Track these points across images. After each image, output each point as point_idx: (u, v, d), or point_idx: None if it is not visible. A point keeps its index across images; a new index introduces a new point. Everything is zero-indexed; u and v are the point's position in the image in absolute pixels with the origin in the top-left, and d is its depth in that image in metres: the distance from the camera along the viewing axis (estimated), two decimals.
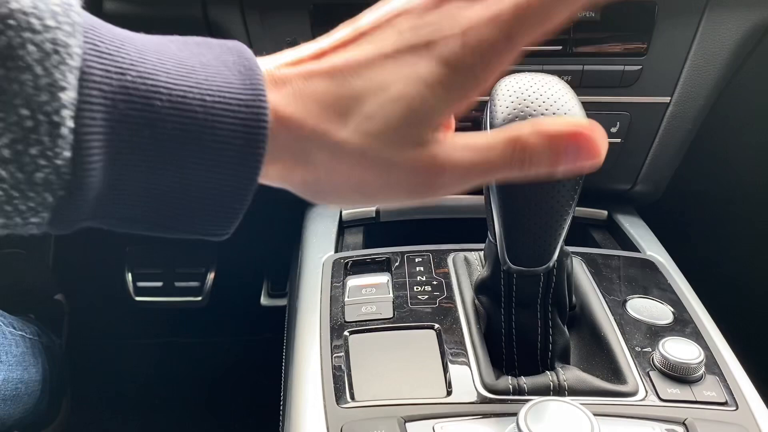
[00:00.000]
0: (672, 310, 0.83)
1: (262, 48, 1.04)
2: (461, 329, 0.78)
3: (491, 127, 0.63)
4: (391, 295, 0.84)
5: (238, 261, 1.91)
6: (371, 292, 0.85)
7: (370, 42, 0.45)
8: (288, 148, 0.43)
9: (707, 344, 0.78)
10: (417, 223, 1.13)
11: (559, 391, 0.70)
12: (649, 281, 0.90)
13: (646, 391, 0.71)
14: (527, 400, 0.61)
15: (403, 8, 0.46)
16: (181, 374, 1.88)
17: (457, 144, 0.45)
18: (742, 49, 1.02)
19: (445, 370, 0.73)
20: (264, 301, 1.84)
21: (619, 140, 1.06)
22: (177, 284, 1.89)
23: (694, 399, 0.70)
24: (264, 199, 1.60)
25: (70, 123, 0.36)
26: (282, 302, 1.69)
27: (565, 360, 0.76)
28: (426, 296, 0.84)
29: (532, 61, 1.03)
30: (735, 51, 1.02)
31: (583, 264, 0.91)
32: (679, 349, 0.73)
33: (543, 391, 0.70)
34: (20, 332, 1.27)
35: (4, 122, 0.34)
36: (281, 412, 0.80)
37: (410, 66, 0.43)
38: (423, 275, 0.89)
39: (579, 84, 1.03)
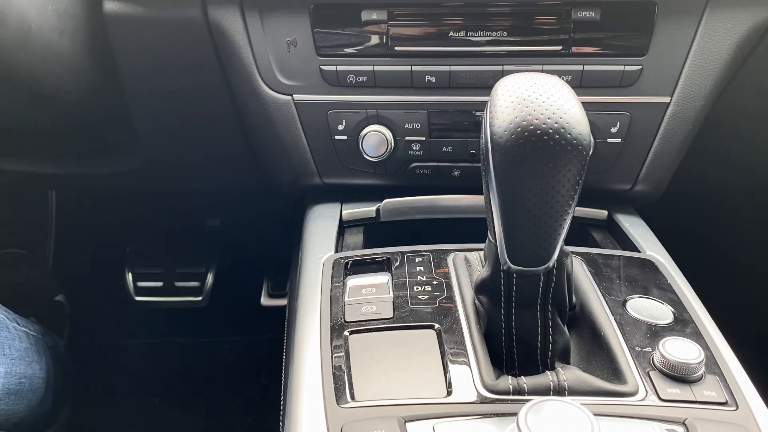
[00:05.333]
0: (672, 310, 0.83)
1: (262, 48, 1.05)
2: (461, 329, 0.78)
3: (491, 126, 0.63)
4: (391, 295, 0.84)
5: (238, 261, 1.91)
6: (371, 292, 0.85)
7: None
8: None
9: (707, 344, 0.78)
10: (417, 223, 1.13)
11: (559, 391, 0.70)
12: (649, 281, 0.90)
13: (646, 391, 0.71)
14: (527, 400, 0.61)
15: None
16: (181, 374, 1.88)
17: None
18: (742, 49, 1.03)
19: (445, 370, 0.73)
20: (264, 301, 1.84)
21: (619, 140, 1.06)
22: (177, 284, 1.90)
23: (694, 399, 0.70)
24: (264, 199, 1.60)
25: None
26: (282, 302, 1.69)
27: (565, 360, 0.76)
28: (426, 296, 0.84)
29: (532, 61, 1.03)
30: (735, 51, 1.02)
31: (583, 264, 0.91)
32: (679, 349, 0.73)
33: (543, 391, 0.70)
34: (24, 329, 1.28)
35: None
36: (281, 412, 0.80)
37: None
38: (423, 275, 0.89)
39: (579, 84, 1.03)
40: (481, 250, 0.85)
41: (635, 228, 1.07)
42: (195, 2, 1.02)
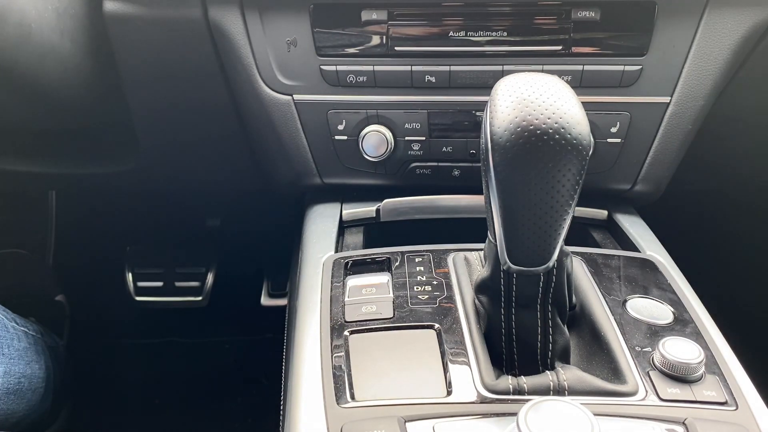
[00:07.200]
0: (672, 310, 0.83)
1: (262, 48, 1.05)
2: (461, 329, 0.78)
3: (491, 126, 0.63)
4: (391, 295, 0.84)
5: (239, 261, 1.91)
6: (371, 292, 0.85)
7: None
8: None
9: (707, 344, 0.78)
10: (417, 223, 1.13)
11: (559, 390, 0.70)
12: (649, 281, 0.90)
13: (646, 391, 0.71)
14: (527, 400, 0.61)
15: None
16: (181, 374, 1.88)
17: None
18: (742, 49, 1.03)
19: (445, 370, 0.73)
20: (264, 301, 1.84)
21: (619, 140, 1.06)
22: (177, 284, 1.90)
23: (694, 399, 0.70)
24: (264, 199, 1.60)
25: None
26: (282, 302, 1.69)
27: (565, 360, 0.76)
28: (426, 296, 0.84)
29: (532, 61, 1.03)
30: (735, 51, 1.02)
31: (583, 264, 0.91)
32: (679, 349, 0.73)
33: (543, 390, 0.70)
34: (23, 328, 1.28)
35: None
36: (281, 412, 0.80)
37: None
38: (423, 275, 0.89)
39: (579, 84, 1.03)
40: (481, 250, 0.85)
41: (635, 228, 1.07)
42: (195, 2, 1.02)
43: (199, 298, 1.89)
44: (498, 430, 0.65)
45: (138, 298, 1.89)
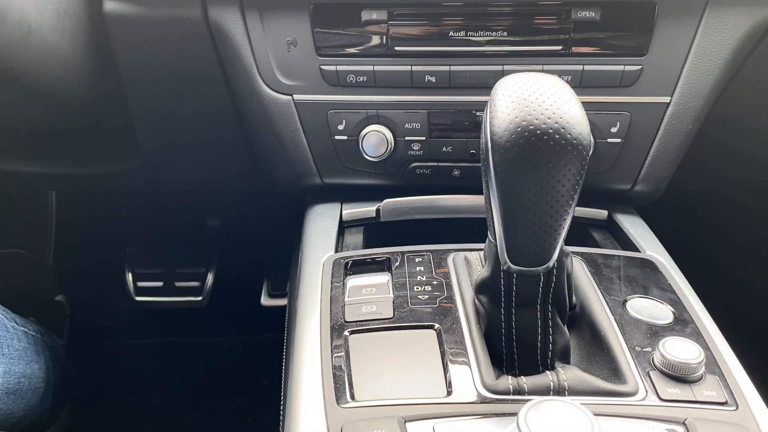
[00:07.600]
0: (672, 310, 0.83)
1: (262, 48, 1.05)
2: (461, 329, 0.78)
3: (491, 126, 0.63)
4: (391, 295, 0.84)
5: (239, 261, 1.91)
6: (371, 292, 0.85)
7: None
8: None
9: (707, 344, 0.78)
10: (417, 223, 1.13)
11: (559, 391, 0.70)
12: (649, 281, 0.90)
13: (646, 391, 0.71)
14: (527, 400, 0.61)
15: None
16: (181, 374, 1.88)
17: None
18: (742, 48, 1.03)
19: (445, 370, 0.73)
20: (264, 301, 1.84)
21: (619, 140, 1.06)
22: (177, 284, 1.90)
23: (694, 399, 0.70)
24: (264, 199, 1.60)
25: None
26: (282, 302, 1.69)
27: (565, 360, 0.76)
28: (426, 296, 0.84)
29: (532, 61, 1.03)
30: (735, 51, 1.02)
31: (583, 264, 0.91)
32: (679, 349, 0.73)
33: (543, 391, 0.70)
34: (23, 328, 1.28)
35: None
36: (281, 412, 0.80)
37: None
38: (423, 275, 0.89)
39: (579, 84, 1.03)
40: (481, 250, 0.85)
41: (635, 228, 1.07)
42: (195, 2, 1.02)
43: (199, 298, 1.89)
44: (498, 430, 0.65)
45: (138, 298, 1.89)
